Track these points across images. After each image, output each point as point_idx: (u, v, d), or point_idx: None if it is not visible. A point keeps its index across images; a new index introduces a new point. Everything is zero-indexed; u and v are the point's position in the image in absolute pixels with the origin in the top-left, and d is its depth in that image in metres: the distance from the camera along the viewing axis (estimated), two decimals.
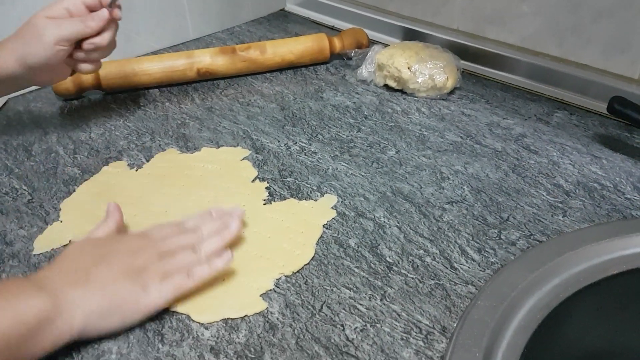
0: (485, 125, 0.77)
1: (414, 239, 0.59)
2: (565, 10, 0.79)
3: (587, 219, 0.60)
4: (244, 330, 0.50)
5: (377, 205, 0.64)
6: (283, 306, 0.52)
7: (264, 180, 0.68)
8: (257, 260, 0.57)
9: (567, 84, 0.81)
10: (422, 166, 0.70)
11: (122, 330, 0.50)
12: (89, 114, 0.83)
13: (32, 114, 0.84)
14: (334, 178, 0.68)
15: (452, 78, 0.82)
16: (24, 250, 0.60)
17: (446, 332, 0.49)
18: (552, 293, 0.52)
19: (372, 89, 0.87)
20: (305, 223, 0.61)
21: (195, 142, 0.76)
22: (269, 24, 1.11)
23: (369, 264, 0.56)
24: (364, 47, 0.95)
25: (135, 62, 0.88)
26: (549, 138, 0.73)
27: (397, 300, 0.52)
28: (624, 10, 0.73)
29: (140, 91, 0.89)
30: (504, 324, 0.49)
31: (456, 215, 0.62)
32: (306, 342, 0.49)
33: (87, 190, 0.68)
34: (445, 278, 0.54)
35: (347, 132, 0.77)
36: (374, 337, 0.49)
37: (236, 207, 0.61)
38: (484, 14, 0.88)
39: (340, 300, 0.52)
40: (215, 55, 0.89)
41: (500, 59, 0.87)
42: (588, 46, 0.78)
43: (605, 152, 0.70)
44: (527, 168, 0.68)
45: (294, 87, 0.89)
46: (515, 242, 0.58)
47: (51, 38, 0.67)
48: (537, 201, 0.63)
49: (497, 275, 0.53)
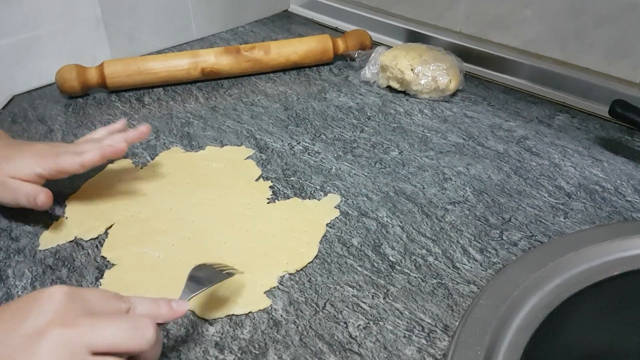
0: (488, 127, 0.77)
1: (416, 238, 0.60)
2: (568, 16, 0.79)
3: (588, 220, 0.61)
4: (248, 327, 0.51)
5: (380, 205, 0.64)
6: (287, 303, 0.53)
7: (267, 179, 0.69)
8: (262, 258, 0.57)
9: (569, 87, 0.81)
10: (425, 167, 0.70)
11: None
12: (94, 112, 0.84)
13: (37, 111, 0.84)
14: (337, 178, 0.69)
15: (454, 80, 0.83)
16: (29, 246, 0.60)
17: (448, 331, 0.50)
18: (553, 293, 0.52)
19: (375, 90, 0.87)
20: (309, 222, 0.62)
21: (200, 141, 0.76)
22: (272, 25, 1.11)
23: (372, 262, 0.57)
24: (368, 48, 0.95)
25: (140, 60, 0.88)
26: (551, 140, 0.74)
27: (400, 298, 0.53)
28: (627, 16, 0.74)
29: (145, 90, 0.89)
30: (505, 323, 0.49)
31: (458, 215, 0.62)
32: (310, 339, 0.49)
33: (92, 188, 0.68)
34: (448, 277, 0.55)
35: (350, 132, 0.77)
36: (377, 334, 0.49)
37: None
38: (487, 18, 0.88)
39: (343, 298, 0.53)
40: (219, 55, 0.90)
41: (503, 62, 0.87)
42: (590, 50, 0.79)
43: (607, 154, 0.71)
44: (528, 170, 0.69)
45: (297, 88, 0.89)
46: (517, 243, 0.58)
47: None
48: (539, 202, 0.64)
49: (499, 275, 0.54)
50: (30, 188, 0.60)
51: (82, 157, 0.61)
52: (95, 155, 0.62)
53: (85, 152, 0.62)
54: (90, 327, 0.40)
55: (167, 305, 0.45)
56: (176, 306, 0.46)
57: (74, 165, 0.61)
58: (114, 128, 0.69)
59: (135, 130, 0.66)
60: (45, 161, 0.61)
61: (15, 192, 0.60)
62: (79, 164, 0.61)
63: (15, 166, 0.60)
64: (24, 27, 0.93)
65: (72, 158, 0.61)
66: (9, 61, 0.93)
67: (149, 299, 0.46)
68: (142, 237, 0.60)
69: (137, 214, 0.63)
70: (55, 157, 0.61)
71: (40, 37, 0.95)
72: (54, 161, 0.61)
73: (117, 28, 1.02)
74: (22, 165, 0.60)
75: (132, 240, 0.60)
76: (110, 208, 0.65)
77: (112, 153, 0.62)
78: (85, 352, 0.39)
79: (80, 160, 0.61)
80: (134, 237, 0.60)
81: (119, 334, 0.41)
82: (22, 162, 0.61)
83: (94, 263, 0.58)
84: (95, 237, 0.61)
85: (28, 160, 0.61)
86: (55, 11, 0.95)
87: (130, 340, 0.41)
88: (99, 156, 0.62)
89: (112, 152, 0.62)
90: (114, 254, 0.59)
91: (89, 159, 0.61)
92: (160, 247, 0.59)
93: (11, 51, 0.92)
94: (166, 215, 0.63)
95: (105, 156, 0.62)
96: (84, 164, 0.61)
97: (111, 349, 0.40)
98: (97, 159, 0.62)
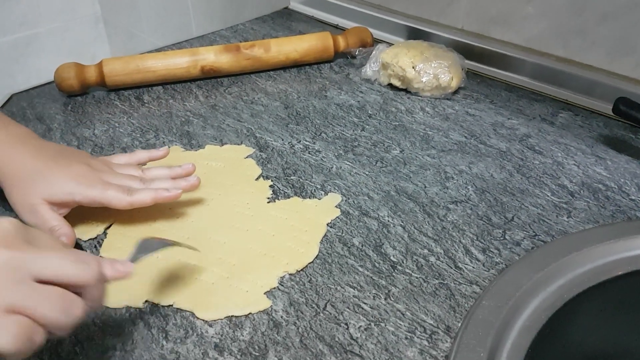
0: (490, 125, 0.77)
1: (418, 238, 0.59)
2: (571, 12, 0.78)
3: (591, 219, 0.60)
4: (248, 328, 0.50)
5: (381, 204, 0.63)
6: (287, 304, 0.52)
7: (267, 178, 0.68)
8: (262, 258, 0.57)
9: (572, 85, 0.81)
10: (427, 166, 0.69)
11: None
12: (93, 110, 0.83)
13: (35, 109, 0.84)
14: (338, 177, 0.68)
15: (456, 78, 0.82)
16: None
17: (450, 332, 0.49)
18: (556, 294, 0.52)
19: (376, 88, 0.87)
20: (310, 221, 0.61)
21: (199, 140, 0.76)
22: (272, 22, 1.11)
23: (373, 263, 0.56)
24: (369, 46, 0.95)
25: (140, 59, 0.88)
26: (554, 138, 0.73)
27: (402, 299, 0.52)
28: (629, 13, 0.73)
29: (144, 88, 0.89)
30: (508, 324, 0.49)
31: (460, 215, 0.62)
32: (310, 341, 0.49)
33: None
34: (450, 278, 0.54)
35: (351, 130, 0.77)
36: (378, 336, 0.49)
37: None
38: (489, 15, 0.88)
39: (344, 299, 0.52)
40: (219, 53, 0.89)
41: (505, 59, 0.87)
42: (593, 47, 0.78)
43: (610, 153, 0.70)
44: (531, 168, 0.68)
45: (298, 86, 0.89)
46: (520, 243, 0.58)
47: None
48: (542, 201, 0.63)
49: (501, 276, 0.53)
50: (56, 223, 0.56)
51: (133, 198, 0.57)
52: (147, 197, 0.58)
53: (136, 192, 0.58)
54: (35, 254, 0.39)
55: (110, 265, 0.44)
56: (120, 267, 0.45)
57: (122, 203, 0.57)
58: (155, 155, 0.65)
59: (187, 182, 0.62)
60: (90, 190, 0.57)
61: (40, 222, 0.56)
62: (129, 203, 0.57)
63: (53, 188, 0.56)
64: (23, 25, 0.92)
65: (121, 196, 0.57)
66: (8, 59, 0.92)
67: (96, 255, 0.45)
68: (140, 238, 0.60)
69: (136, 214, 0.63)
70: (103, 188, 0.57)
71: (40, 35, 0.95)
72: (100, 193, 0.57)
73: (117, 25, 1.02)
74: (60, 188, 0.56)
75: (131, 240, 0.59)
76: (109, 208, 0.64)
77: (166, 199, 0.58)
78: (29, 277, 0.39)
79: (131, 200, 0.57)
80: (132, 238, 0.59)
81: (64, 264, 0.40)
82: (61, 184, 0.56)
83: None
84: (94, 237, 0.60)
85: (68, 182, 0.57)
86: (55, 9, 0.94)
87: (75, 270, 0.40)
88: (152, 200, 0.58)
89: (165, 199, 0.58)
90: (112, 254, 0.58)
91: (139, 201, 0.57)
92: None
93: (10, 49, 0.92)
94: (165, 215, 0.63)
95: (157, 201, 0.58)
96: (134, 204, 0.57)
97: (55, 278, 0.39)
98: (148, 202, 0.58)
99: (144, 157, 0.66)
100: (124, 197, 0.57)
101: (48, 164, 0.58)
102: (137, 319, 0.51)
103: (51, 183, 0.56)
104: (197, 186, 0.62)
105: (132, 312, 0.52)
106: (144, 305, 0.53)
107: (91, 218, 0.62)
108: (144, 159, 0.66)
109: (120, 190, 0.57)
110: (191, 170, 0.63)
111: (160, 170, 0.63)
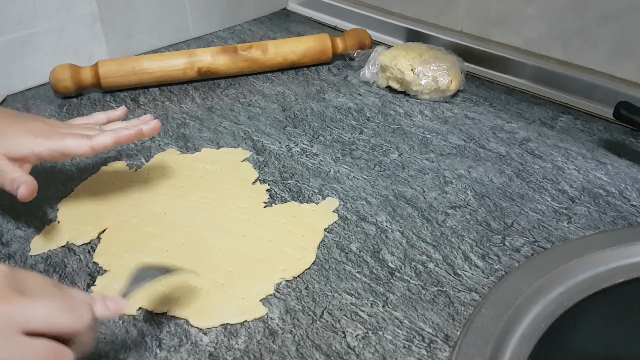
0: (489, 128, 0.76)
1: (416, 244, 0.58)
2: (571, 14, 0.78)
3: (592, 225, 0.59)
4: (244, 336, 0.49)
5: (380, 209, 0.63)
6: (283, 312, 0.51)
7: (264, 182, 0.67)
8: (258, 264, 0.56)
9: (572, 88, 0.80)
10: (425, 170, 0.69)
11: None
12: (88, 112, 0.82)
13: (30, 111, 0.83)
14: (335, 181, 0.67)
15: (455, 80, 0.81)
16: (20, 251, 0.59)
17: (449, 341, 0.48)
18: (556, 301, 0.51)
19: (374, 91, 0.86)
20: (307, 226, 0.61)
21: (196, 143, 0.75)
22: (270, 23, 1.10)
23: (371, 269, 0.55)
24: (367, 48, 0.94)
25: (135, 60, 0.87)
26: (554, 142, 0.73)
27: (400, 307, 0.51)
28: (630, 15, 0.72)
29: (140, 90, 0.88)
30: (508, 333, 0.48)
31: (459, 220, 0.61)
32: (306, 349, 0.48)
33: (85, 191, 0.67)
34: (449, 285, 0.53)
35: (349, 134, 0.76)
36: (376, 344, 0.48)
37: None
38: (488, 17, 0.87)
39: (341, 307, 0.52)
40: (216, 54, 0.88)
41: (505, 62, 0.86)
42: (594, 50, 0.77)
43: (611, 157, 0.69)
44: (531, 173, 0.67)
45: (295, 88, 0.88)
46: (520, 249, 0.57)
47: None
48: (542, 207, 0.62)
49: (501, 283, 0.52)
50: (17, 175, 0.55)
51: (93, 142, 0.57)
52: (108, 139, 0.57)
53: (95, 136, 0.57)
54: (24, 305, 0.38)
55: (102, 303, 0.43)
56: (112, 305, 0.43)
57: (83, 148, 0.57)
58: (113, 115, 0.65)
59: (147, 125, 0.61)
60: (48, 141, 0.57)
61: (2, 176, 0.55)
62: (90, 147, 0.57)
63: (12, 144, 0.56)
64: (19, 24, 0.91)
65: (80, 140, 0.57)
66: (3, 59, 0.91)
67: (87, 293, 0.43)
68: (135, 243, 0.59)
69: (131, 219, 0.62)
70: (61, 137, 0.57)
71: (36, 34, 0.94)
72: (59, 142, 0.57)
73: (114, 25, 1.01)
74: (19, 143, 0.56)
75: (125, 245, 0.59)
76: (104, 212, 0.63)
77: (127, 138, 0.58)
78: (17, 330, 0.37)
79: (91, 143, 0.57)
80: (126, 243, 0.59)
81: (54, 313, 0.39)
82: (19, 139, 0.56)
83: (86, 269, 0.57)
84: (88, 242, 0.60)
85: (26, 137, 0.57)
86: (51, 8, 0.93)
87: (64, 319, 0.39)
88: (112, 140, 0.58)
89: (127, 137, 0.58)
90: (106, 260, 0.57)
91: (101, 143, 0.57)
92: (153, 253, 0.58)
93: (6, 49, 0.91)
94: (160, 219, 0.62)
95: (119, 142, 0.58)
96: (95, 147, 0.57)
97: (45, 328, 0.38)
98: (109, 144, 0.57)
99: (101, 118, 0.65)
100: (84, 142, 0.57)
101: (5, 121, 0.58)
102: (131, 327, 0.51)
103: (10, 138, 0.57)
104: (158, 129, 0.62)
105: (126, 319, 0.51)
106: (137, 313, 0.52)
107: (85, 222, 0.62)
108: (101, 120, 0.65)
109: (79, 137, 0.57)
110: (150, 118, 0.64)
111: (118, 122, 0.63)
